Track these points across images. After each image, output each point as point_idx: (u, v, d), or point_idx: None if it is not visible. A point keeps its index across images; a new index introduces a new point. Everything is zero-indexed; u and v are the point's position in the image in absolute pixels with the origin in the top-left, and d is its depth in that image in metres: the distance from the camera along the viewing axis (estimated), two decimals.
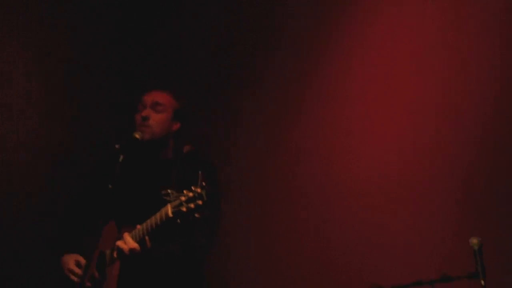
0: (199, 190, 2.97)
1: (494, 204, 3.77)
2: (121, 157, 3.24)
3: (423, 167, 3.95)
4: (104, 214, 3.29)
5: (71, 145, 4.47)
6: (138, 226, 3.18)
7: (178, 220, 3.01)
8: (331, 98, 4.22)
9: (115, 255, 3.23)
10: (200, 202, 2.96)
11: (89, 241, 3.35)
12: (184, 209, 2.98)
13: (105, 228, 3.41)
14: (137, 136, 3.33)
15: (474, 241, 2.90)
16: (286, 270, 4.13)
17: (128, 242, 3.16)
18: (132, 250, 3.15)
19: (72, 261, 3.41)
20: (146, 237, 3.15)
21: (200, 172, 3.00)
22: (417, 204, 3.91)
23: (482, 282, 2.79)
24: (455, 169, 3.88)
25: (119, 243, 3.18)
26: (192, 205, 2.96)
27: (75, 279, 3.37)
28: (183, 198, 2.98)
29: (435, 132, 3.92)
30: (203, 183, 2.98)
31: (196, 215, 2.98)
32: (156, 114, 3.40)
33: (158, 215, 3.09)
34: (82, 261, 3.37)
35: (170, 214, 3.01)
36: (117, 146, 3.29)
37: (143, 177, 3.45)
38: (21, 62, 4.34)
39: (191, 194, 2.98)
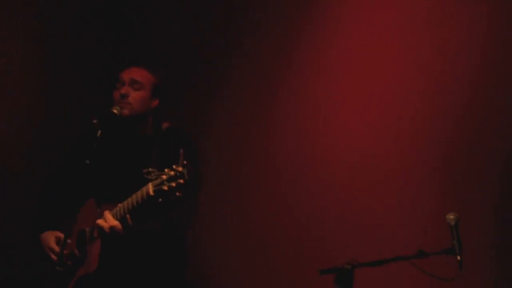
0: (180, 168, 2.96)
1: (471, 181, 3.81)
2: (99, 132, 3.22)
3: (403, 147, 3.98)
4: (83, 191, 3.27)
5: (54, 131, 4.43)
6: (120, 205, 3.17)
7: (160, 199, 3.00)
8: (310, 82, 4.22)
9: (95, 233, 3.22)
10: (181, 181, 2.95)
11: (68, 218, 3.33)
12: (165, 187, 2.96)
13: (84, 205, 3.40)
14: (115, 111, 3.31)
15: (451, 217, 2.92)
16: (264, 245, 4.16)
17: (108, 220, 3.15)
18: (112, 228, 3.14)
19: (52, 239, 3.39)
20: (127, 215, 3.14)
21: (181, 151, 2.99)
22: (395, 182, 3.95)
23: (458, 258, 2.81)
24: (433, 148, 3.92)
25: (100, 221, 3.17)
26: (173, 184, 2.95)
27: (55, 258, 3.36)
28: (164, 177, 2.97)
29: (415, 112, 3.96)
30: (184, 162, 2.97)
31: (178, 193, 2.97)
32: (135, 91, 3.38)
33: (139, 193, 3.08)
34: (63, 238, 3.36)
35: (151, 193, 3.00)
36: (95, 121, 3.27)
37: (122, 154, 3.43)
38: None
39: (172, 173, 2.96)
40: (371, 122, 4.05)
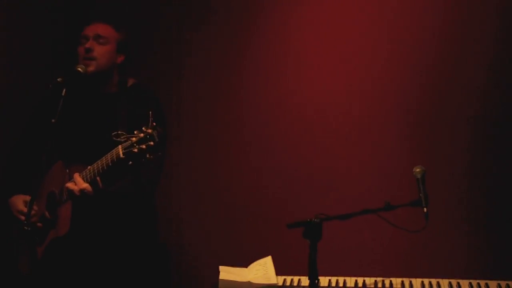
0: (150, 131, 2.93)
1: (439, 135, 3.87)
2: (64, 90, 3.18)
3: (370, 102, 4.01)
4: (51, 152, 3.24)
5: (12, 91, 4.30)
6: (90, 167, 3.15)
7: (130, 162, 2.98)
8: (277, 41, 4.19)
9: (65, 196, 3.20)
10: (151, 143, 2.93)
11: (36, 181, 3.29)
12: (135, 150, 2.94)
13: (53, 167, 3.37)
14: (79, 69, 3.27)
15: (417, 170, 2.95)
16: (233, 206, 4.18)
17: (78, 183, 3.13)
18: (82, 191, 3.13)
19: (20, 202, 3.36)
20: (98, 178, 3.13)
21: (150, 112, 2.96)
22: (363, 137, 3.99)
23: (425, 210, 2.85)
24: (401, 102, 3.96)
25: (69, 184, 3.16)
26: (143, 146, 2.93)
27: (23, 218, 3.33)
28: (134, 139, 2.94)
29: (384, 69, 4.00)
30: (154, 124, 2.94)
31: (148, 155, 2.95)
32: (100, 46, 3.35)
33: (109, 156, 3.06)
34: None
35: (122, 156, 2.98)
36: (59, 79, 3.23)
37: (88, 113, 3.40)
38: None
39: (142, 135, 2.94)
40: (339, 79, 4.06)
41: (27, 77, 4.17)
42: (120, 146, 2.99)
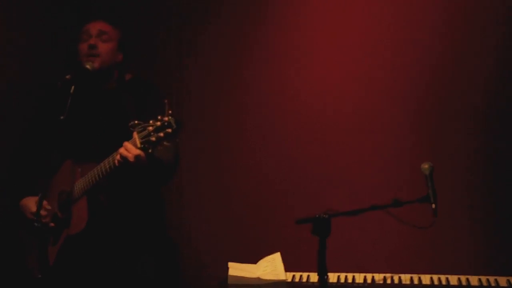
0: (166, 118, 2.93)
1: (446, 130, 3.86)
2: (72, 87, 3.18)
3: (378, 98, 4.01)
4: (58, 150, 3.23)
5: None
6: (109, 157, 3.10)
7: (149, 150, 2.97)
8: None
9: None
10: (169, 130, 2.92)
11: (46, 178, 3.29)
12: (153, 138, 2.93)
13: (62, 167, 3.36)
14: (87, 66, 3.27)
15: (425, 166, 2.95)
16: (240, 200, 4.18)
17: (130, 149, 3.04)
18: (137, 157, 3.03)
19: (33, 204, 3.33)
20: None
21: (165, 101, 2.95)
22: (371, 132, 3.99)
23: (433, 206, 2.85)
24: (408, 98, 3.96)
25: (122, 150, 3.05)
26: (161, 134, 2.92)
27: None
28: (150, 128, 2.94)
29: (390, 64, 4.00)
30: (170, 111, 2.94)
31: (166, 143, 2.95)
32: (103, 43, 3.35)
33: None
34: (44, 203, 3.29)
35: (139, 145, 2.98)
36: (67, 76, 3.23)
37: (91, 110, 3.38)
38: None
39: (158, 124, 2.93)
40: (346, 75, 4.06)
41: (26, 76, 4.14)
42: (136, 136, 2.97)
